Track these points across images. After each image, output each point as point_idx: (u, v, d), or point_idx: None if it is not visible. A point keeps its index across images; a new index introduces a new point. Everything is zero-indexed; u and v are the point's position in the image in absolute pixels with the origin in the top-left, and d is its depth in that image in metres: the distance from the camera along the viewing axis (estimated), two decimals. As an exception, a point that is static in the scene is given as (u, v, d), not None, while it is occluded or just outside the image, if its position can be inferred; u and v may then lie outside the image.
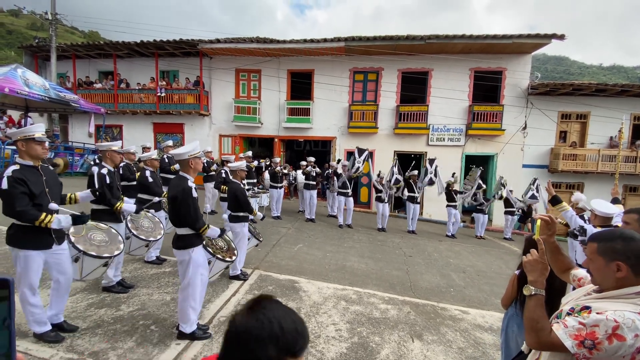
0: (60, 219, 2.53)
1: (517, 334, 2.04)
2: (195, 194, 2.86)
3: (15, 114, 14.09)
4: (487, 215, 9.86)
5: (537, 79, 11.71)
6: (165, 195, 4.69)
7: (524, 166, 11.84)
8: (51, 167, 2.83)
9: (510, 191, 9.96)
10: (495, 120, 11.54)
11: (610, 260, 1.20)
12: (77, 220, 2.64)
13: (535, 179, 9.81)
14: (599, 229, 3.04)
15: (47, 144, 2.62)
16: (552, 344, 1.16)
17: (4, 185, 2.35)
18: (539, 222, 1.51)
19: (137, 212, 3.79)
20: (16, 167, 2.45)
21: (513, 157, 11.82)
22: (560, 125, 11.78)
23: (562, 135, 11.97)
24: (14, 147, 9.59)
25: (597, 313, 1.13)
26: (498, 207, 11.25)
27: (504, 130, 11.57)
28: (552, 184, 4.02)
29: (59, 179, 2.85)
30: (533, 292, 1.30)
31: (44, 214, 2.47)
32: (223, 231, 3.20)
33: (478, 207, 9.57)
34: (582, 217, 4.22)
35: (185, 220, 2.83)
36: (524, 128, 11.70)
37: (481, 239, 9.40)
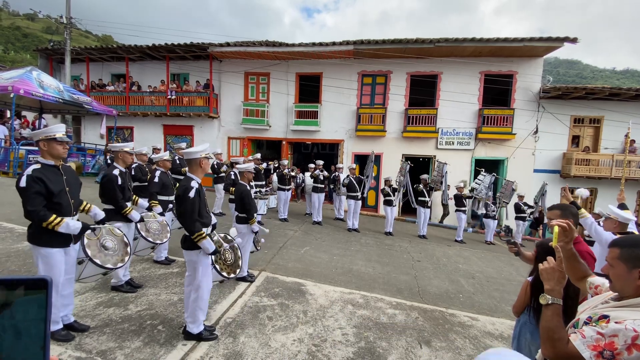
0: (69, 223, 2.55)
1: (530, 341, 1.98)
2: (192, 195, 2.73)
3: (30, 116, 14.45)
4: (497, 221, 9.71)
5: (549, 83, 11.53)
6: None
7: (535, 171, 11.64)
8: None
9: (522, 196, 9.81)
10: (506, 124, 11.39)
11: (633, 267, 1.16)
12: (87, 229, 2.72)
13: (545, 184, 9.67)
14: (619, 236, 2.98)
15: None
16: (569, 355, 1.13)
17: (23, 183, 2.38)
18: (556, 228, 1.45)
19: (140, 221, 3.71)
20: (37, 166, 2.49)
21: (524, 162, 11.63)
22: (572, 129, 11.56)
23: (575, 140, 11.74)
24: (28, 148, 9.83)
25: (616, 322, 1.09)
26: (509, 212, 11.09)
27: (514, 134, 11.41)
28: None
29: (79, 179, 2.89)
30: (550, 302, 1.26)
31: (53, 216, 2.47)
32: (217, 252, 2.95)
33: (487, 213, 9.44)
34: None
35: (182, 221, 2.79)
36: (536, 132, 11.51)
37: (491, 244, 9.25)
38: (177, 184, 5.13)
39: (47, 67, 14.77)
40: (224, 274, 3.17)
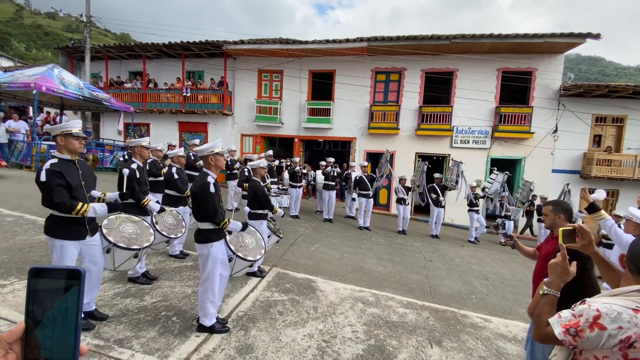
0: (95, 207, 2.64)
1: (544, 344, 1.94)
2: (213, 189, 2.89)
3: (51, 112, 14.95)
4: (512, 222, 9.50)
5: (569, 80, 11.17)
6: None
7: (554, 171, 11.31)
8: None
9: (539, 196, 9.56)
10: (524, 123, 11.09)
11: None
12: (113, 208, 2.78)
13: (567, 184, 9.41)
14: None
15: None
16: (547, 335, 1.24)
17: (43, 177, 2.47)
18: (561, 229, 1.55)
19: (159, 212, 3.83)
20: (54, 160, 2.57)
21: (542, 162, 11.32)
22: (594, 128, 11.18)
23: (596, 140, 11.35)
24: (50, 143, 10.18)
25: (588, 305, 1.16)
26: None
27: (532, 133, 11.10)
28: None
29: (94, 173, 2.98)
30: (545, 292, 1.37)
31: (80, 204, 2.58)
32: (245, 225, 3.24)
33: (505, 214, 9.25)
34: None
35: (205, 215, 2.89)
36: (555, 131, 11.17)
37: (506, 245, 9.06)
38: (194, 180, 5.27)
39: (68, 64, 15.22)
40: (250, 257, 3.29)
